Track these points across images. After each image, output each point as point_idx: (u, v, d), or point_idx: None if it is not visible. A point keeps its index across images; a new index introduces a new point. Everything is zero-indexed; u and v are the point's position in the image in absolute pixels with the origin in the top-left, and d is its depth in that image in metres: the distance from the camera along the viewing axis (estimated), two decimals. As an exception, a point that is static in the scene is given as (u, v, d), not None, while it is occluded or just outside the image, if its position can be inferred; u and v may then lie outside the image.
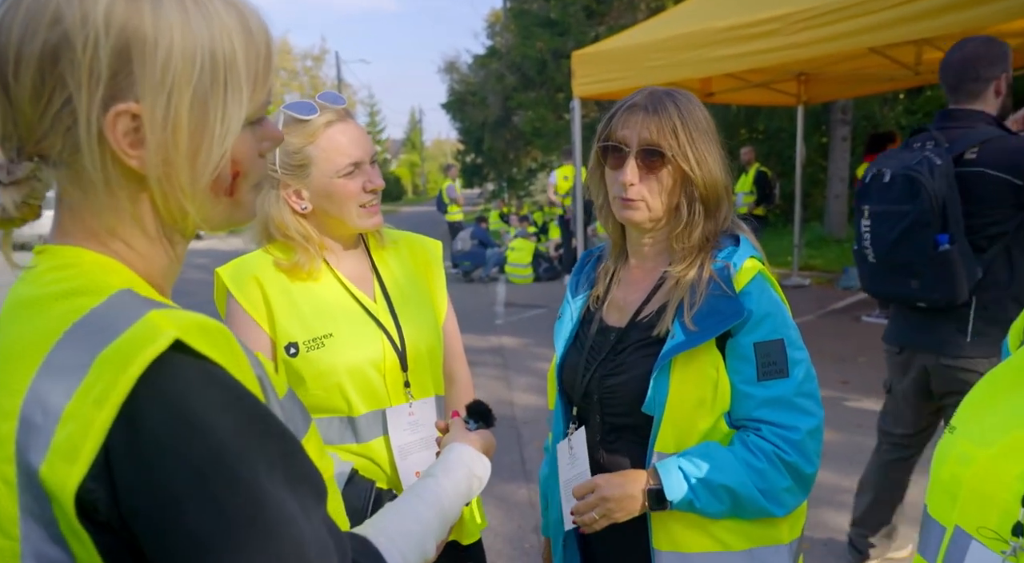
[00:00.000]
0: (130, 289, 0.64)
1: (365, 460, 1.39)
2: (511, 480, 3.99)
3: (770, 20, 5.18)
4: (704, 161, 1.26)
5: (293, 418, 0.73)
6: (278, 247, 1.42)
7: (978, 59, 2.29)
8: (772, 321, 1.23)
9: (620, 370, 1.31)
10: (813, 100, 9.25)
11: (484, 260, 11.56)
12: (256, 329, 1.36)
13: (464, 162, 26.43)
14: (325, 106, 1.37)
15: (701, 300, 1.23)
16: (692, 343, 1.20)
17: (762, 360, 1.21)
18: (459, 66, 29.24)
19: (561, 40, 16.19)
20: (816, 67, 7.59)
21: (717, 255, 1.28)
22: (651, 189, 1.27)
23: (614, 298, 1.41)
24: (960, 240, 2.24)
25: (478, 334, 7.56)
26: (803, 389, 1.24)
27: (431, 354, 1.50)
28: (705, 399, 1.22)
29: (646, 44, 6.05)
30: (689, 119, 1.25)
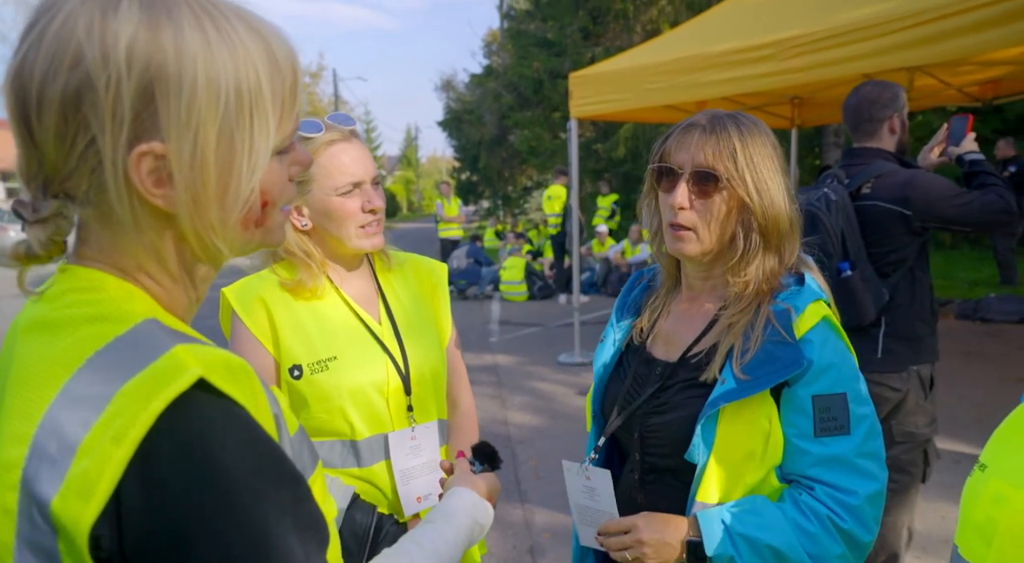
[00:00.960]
0: (155, 319, 0.63)
1: (367, 484, 1.38)
2: (506, 501, 3.97)
3: (765, 46, 5.27)
4: (765, 188, 1.17)
5: (302, 456, 0.72)
6: (283, 266, 1.43)
7: (871, 102, 2.51)
8: (835, 373, 1.14)
9: (664, 409, 1.23)
10: (807, 123, 9.35)
11: (479, 278, 11.57)
12: (261, 351, 1.36)
13: (460, 180, 26.51)
14: (332, 126, 1.38)
15: (756, 346, 1.14)
16: (743, 393, 1.11)
17: (821, 415, 1.12)
18: (456, 84, 29.44)
19: (557, 60, 16.33)
20: (809, 91, 7.69)
21: (778, 296, 1.19)
22: (704, 216, 1.19)
23: (662, 330, 1.33)
24: (862, 267, 2.43)
25: (473, 352, 7.55)
26: (865, 448, 1.14)
27: (435, 378, 1.50)
28: (755, 452, 1.13)
29: (643, 67, 6.12)
30: (751, 142, 1.17)
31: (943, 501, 3.60)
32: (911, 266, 2.46)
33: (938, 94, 7.09)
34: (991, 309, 7.84)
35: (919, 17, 4.46)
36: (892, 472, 2.56)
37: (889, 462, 2.52)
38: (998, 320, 7.64)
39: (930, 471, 2.58)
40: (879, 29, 4.64)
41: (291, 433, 0.71)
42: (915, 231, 2.41)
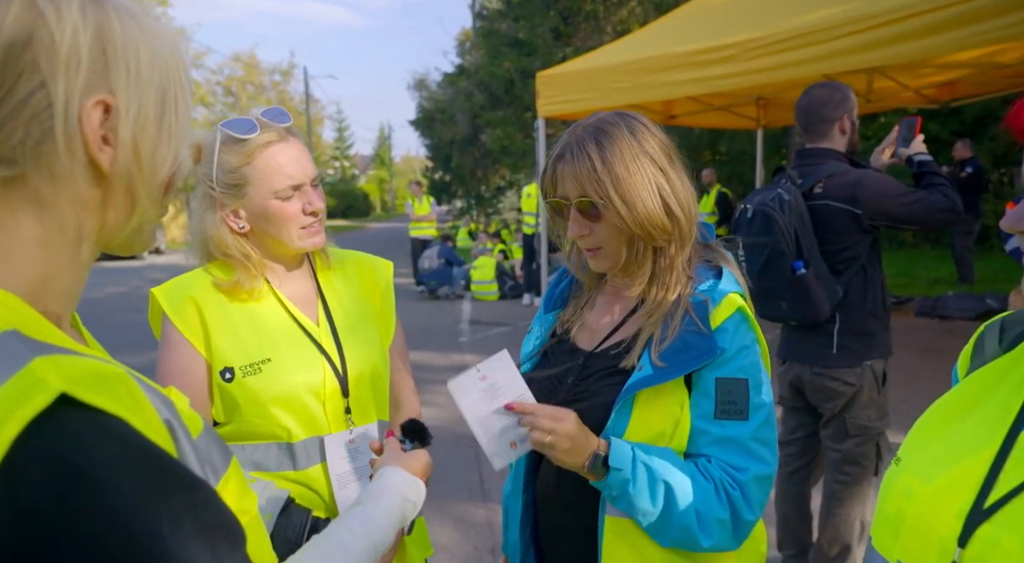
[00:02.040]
0: (15, 331, 0.58)
1: (302, 488, 1.35)
2: (469, 500, 3.95)
3: (728, 46, 5.31)
4: (633, 196, 1.19)
5: (210, 457, 0.69)
6: (218, 266, 1.39)
7: (822, 103, 2.55)
8: (741, 359, 1.19)
9: (584, 395, 1.27)
10: (772, 124, 9.47)
11: (451, 278, 11.53)
12: (191, 353, 1.32)
13: (433, 179, 26.42)
14: (267, 124, 1.34)
15: (674, 335, 1.19)
16: (659, 379, 1.16)
17: (723, 398, 1.17)
18: (428, 84, 29.32)
19: (528, 60, 16.35)
20: (773, 92, 7.78)
21: (696, 288, 1.24)
22: (603, 235, 1.24)
23: (586, 320, 1.38)
24: (815, 265, 2.49)
25: (441, 352, 7.52)
26: (759, 435, 1.19)
27: (375, 379, 1.47)
28: (664, 434, 1.19)
29: (609, 66, 6.14)
30: (610, 152, 1.19)
31: (899, 495, 3.65)
32: (863, 263, 2.51)
33: (897, 96, 7.23)
34: (949, 307, 8.01)
35: (878, 19, 4.53)
36: (845, 465, 2.64)
37: (842, 455, 2.61)
38: (956, 317, 7.81)
39: (883, 465, 2.62)
40: (839, 30, 4.70)
41: (194, 436, 0.68)
42: (865, 229, 2.46)
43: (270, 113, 1.35)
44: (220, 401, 1.33)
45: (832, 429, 2.64)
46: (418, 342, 8.02)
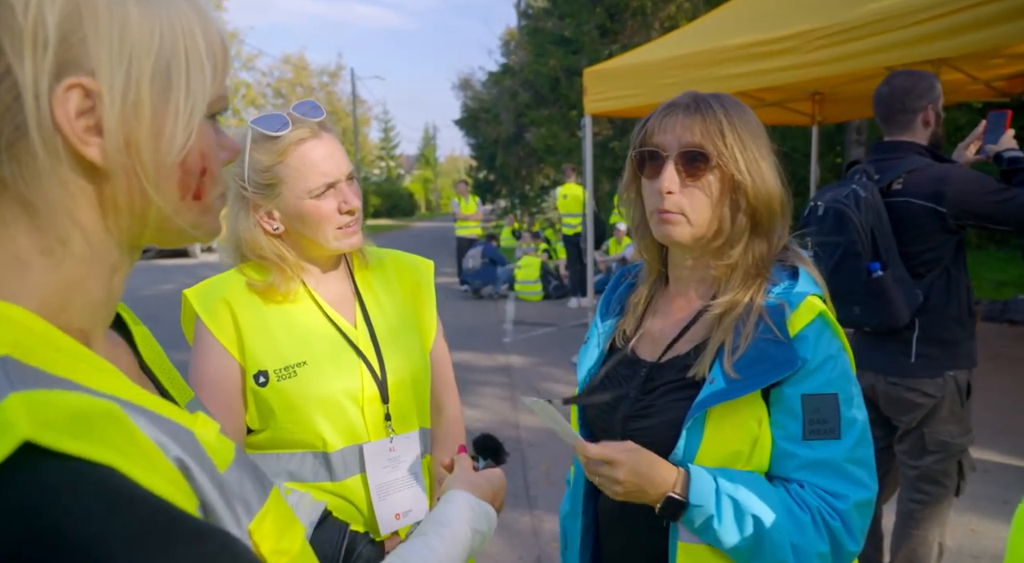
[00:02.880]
0: (5, 357, 0.49)
1: (340, 499, 1.28)
2: (514, 507, 3.86)
3: (786, 38, 5.10)
4: (757, 168, 1.10)
5: (242, 493, 0.61)
6: (252, 267, 1.33)
7: (905, 92, 2.39)
8: (828, 372, 1.06)
9: (648, 412, 1.16)
10: (828, 120, 9.15)
11: (494, 278, 11.48)
12: (224, 356, 1.27)
13: (477, 179, 26.46)
14: (299, 120, 1.27)
15: (747, 343, 1.07)
16: (733, 393, 1.04)
17: (810, 416, 1.05)
18: (473, 83, 29.39)
19: (574, 58, 16.19)
20: (831, 86, 7.49)
21: (771, 290, 1.12)
22: (694, 199, 1.11)
23: (648, 329, 1.26)
24: (893, 266, 2.31)
25: (485, 352, 7.46)
26: (856, 454, 1.07)
27: (416, 384, 1.39)
28: (741, 453, 1.07)
29: (658, 62, 5.98)
30: (738, 121, 1.10)
31: (971, 514, 3.43)
32: (947, 266, 2.33)
33: (964, 89, 6.87)
34: (1020, 310, 7.59)
35: (945, 7, 4.28)
36: (923, 483, 2.46)
37: (919, 473, 2.42)
38: (1027, 322, 7.40)
39: (964, 484, 2.43)
40: (904, 19, 4.46)
41: (221, 469, 0.59)
42: (950, 229, 2.28)
43: (302, 107, 1.28)
44: (254, 407, 1.27)
45: (908, 444, 2.45)
46: (462, 342, 7.98)
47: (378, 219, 43.54)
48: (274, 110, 1.29)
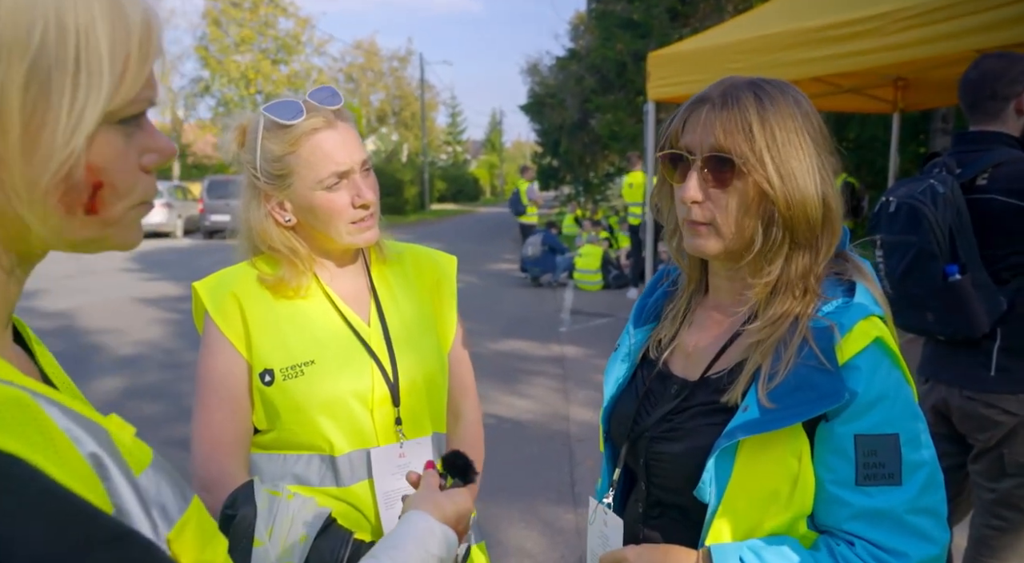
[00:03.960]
0: None
1: (346, 506, 1.23)
2: (558, 502, 3.79)
3: (866, 19, 4.78)
4: (789, 172, 0.96)
5: (159, 498, 0.57)
6: (264, 260, 1.28)
7: (995, 77, 2.17)
8: (886, 408, 0.93)
9: (675, 435, 1.05)
10: (911, 107, 8.60)
11: (553, 266, 11.38)
12: (231, 352, 1.23)
13: (541, 164, 26.30)
14: (314, 107, 1.21)
15: (788, 368, 0.94)
16: (769, 425, 0.92)
17: (865, 459, 0.92)
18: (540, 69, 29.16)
19: (642, 42, 15.78)
20: (915, 71, 7.02)
21: (821, 309, 0.98)
22: (723, 208, 0.99)
23: (683, 342, 1.14)
24: (974, 270, 2.08)
25: (539, 342, 7.39)
26: (921, 503, 0.93)
27: (430, 387, 1.33)
28: (779, 493, 0.95)
29: (727, 45, 5.72)
30: (773, 115, 0.96)
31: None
32: None
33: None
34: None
35: (1049, -17, 3.91)
36: (1001, 508, 2.24)
37: (997, 496, 2.20)
38: None
39: None
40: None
41: (137, 473, 0.56)
42: None
43: (318, 94, 1.22)
44: (261, 406, 1.23)
45: (985, 464, 2.23)
46: (517, 330, 7.93)
47: (443, 203, 44.01)
48: (345, 95, 1.24)
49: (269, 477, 1.22)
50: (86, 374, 6.15)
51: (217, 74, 35.54)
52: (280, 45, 37.16)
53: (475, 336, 7.89)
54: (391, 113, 47.24)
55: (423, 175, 36.09)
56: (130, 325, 8.15)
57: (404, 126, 47.92)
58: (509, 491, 3.82)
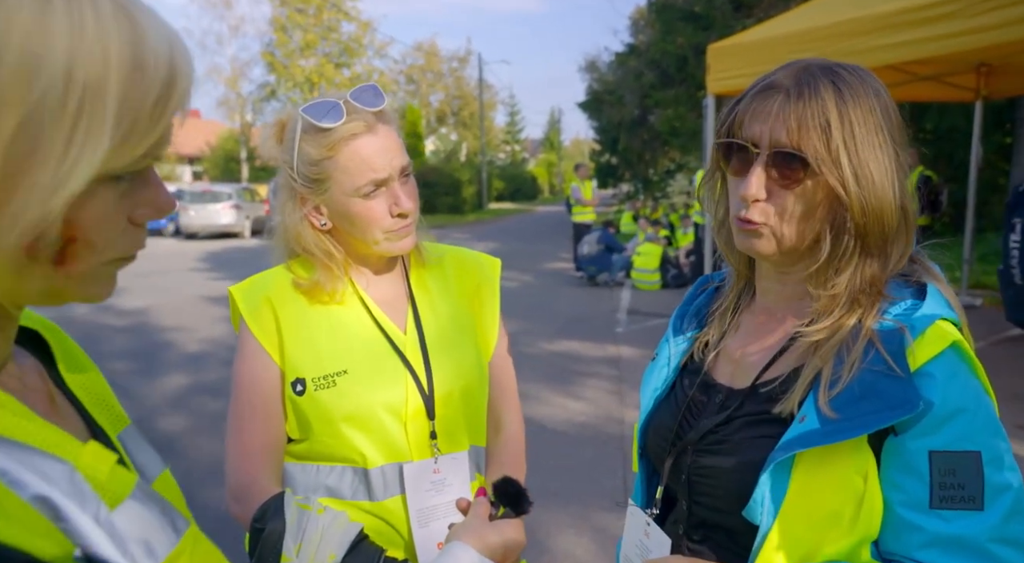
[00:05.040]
0: None
1: (380, 521, 1.18)
2: (612, 509, 3.68)
3: (944, 2, 4.48)
4: (867, 175, 0.87)
5: (141, 533, 0.53)
6: (300, 264, 1.25)
7: None
8: (966, 422, 0.83)
9: (722, 449, 0.96)
10: (995, 95, 8.08)
11: (609, 265, 11.21)
12: (265, 359, 1.19)
13: (599, 162, 26.04)
14: (355, 109, 1.15)
15: (852, 374, 0.85)
16: (831, 437, 0.83)
17: (941, 479, 0.82)
18: (599, 65, 28.86)
19: (704, 35, 15.36)
20: (1001, 56, 6.58)
21: (888, 310, 0.89)
22: (783, 209, 0.90)
23: (728, 348, 1.06)
24: None
25: (595, 342, 7.27)
26: (1006, 532, 0.82)
27: (468, 399, 1.26)
28: (841, 515, 0.85)
29: (792, 35, 5.47)
30: (852, 109, 0.87)
31: None
32: None
33: None
34: None
35: None
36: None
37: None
38: None
39: None
40: (1099, -27, 3.76)
41: (112, 507, 0.52)
42: None
43: (360, 94, 1.16)
44: (293, 415, 1.19)
45: None
46: (572, 330, 7.83)
47: (501, 203, 44.16)
48: (405, 96, 1.18)
49: (302, 488, 1.18)
50: (155, 371, 6.38)
51: (283, 78, 36.61)
52: (343, 49, 38.00)
53: (529, 336, 7.80)
54: (450, 113, 47.71)
55: (481, 174, 36.30)
56: (197, 323, 8.42)
57: (463, 126, 48.31)
58: (560, 496, 3.74)
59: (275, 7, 36.28)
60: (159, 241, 21.02)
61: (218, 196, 20.81)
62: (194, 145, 37.00)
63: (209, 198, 20.87)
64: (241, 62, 39.69)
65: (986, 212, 12.98)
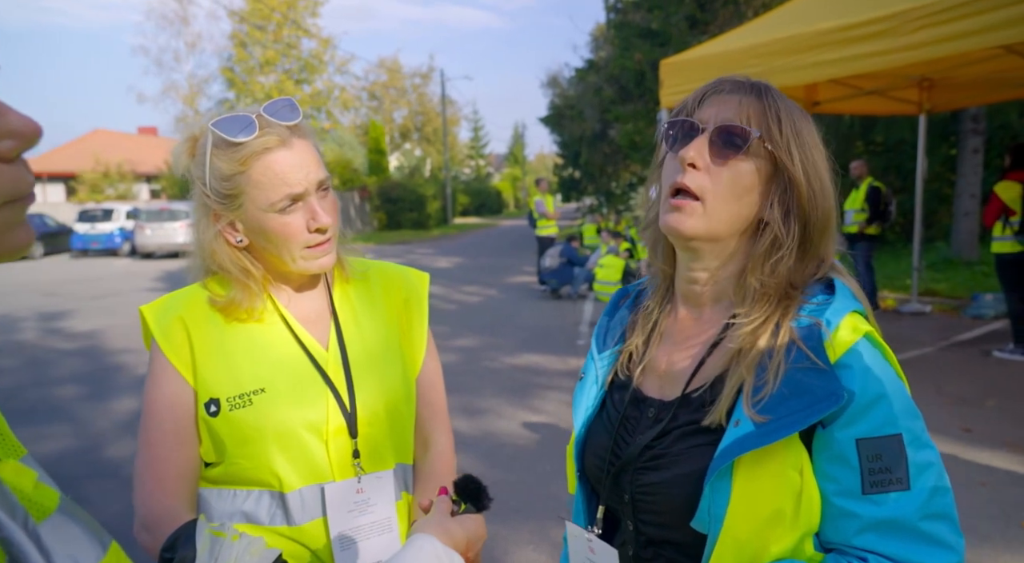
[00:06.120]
0: None
1: (298, 546, 1.14)
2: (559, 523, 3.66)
3: (883, 19, 4.63)
4: (815, 172, 0.93)
5: (68, 547, 0.52)
6: (217, 281, 1.21)
7: None
8: (885, 407, 0.85)
9: (661, 463, 0.96)
10: (938, 108, 8.37)
11: (571, 278, 11.25)
12: (177, 381, 1.15)
13: (562, 176, 26.25)
14: (268, 123, 1.11)
15: (779, 375, 0.87)
16: (766, 438, 0.83)
17: (870, 465, 0.84)
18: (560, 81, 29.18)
19: (661, 51, 15.64)
20: (941, 71, 6.83)
21: (802, 309, 0.92)
22: (719, 184, 0.91)
23: (654, 359, 1.05)
24: None
25: (556, 355, 7.26)
26: (933, 507, 0.84)
27: (393, 416, 1.23)
28: (783, 512, 0.86)
29: (741, 49, 5.60)
30: (797, 118, 0.94)
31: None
32: None
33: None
34: None
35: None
36: None
37: None
38: None
39: None
40: (1024, -10, 3.93)
41: (38, 520, 0.51)
42: None
43: (273, 107, 1.13)
44: (208, 438, 1.15)
45: None
46: (534, 344, 7.82)
47: (466, 217, 44.14)
48: (368, 112, 1.15)
49: (218, 514, 1.14)
50: (105, 395, 6.18)
51: (242, 95, 36.19)
52: (303, 65, 37.76)
53: (491, 351, 7.76)
54: (414, 129, 47.65)
55: (446, 189, 36.30)
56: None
57: (427, 141, 48.29)
58: (521, 512, 3.70)
59: (234, 23, 35.95)
60: (113, 261, 20.51)
61: (175, 215, 20.38)
62: (151, 163, 36.25)
63: (166, 216, 20.44)
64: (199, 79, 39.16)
65: (934, 222, 13.41)
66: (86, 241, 21.86)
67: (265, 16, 35.64)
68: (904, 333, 7.42)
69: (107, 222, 22.16)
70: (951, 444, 4.28)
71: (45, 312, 10.84)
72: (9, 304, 11.79)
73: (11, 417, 5.26)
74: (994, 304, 7.94)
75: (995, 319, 7.75)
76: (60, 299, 12.32)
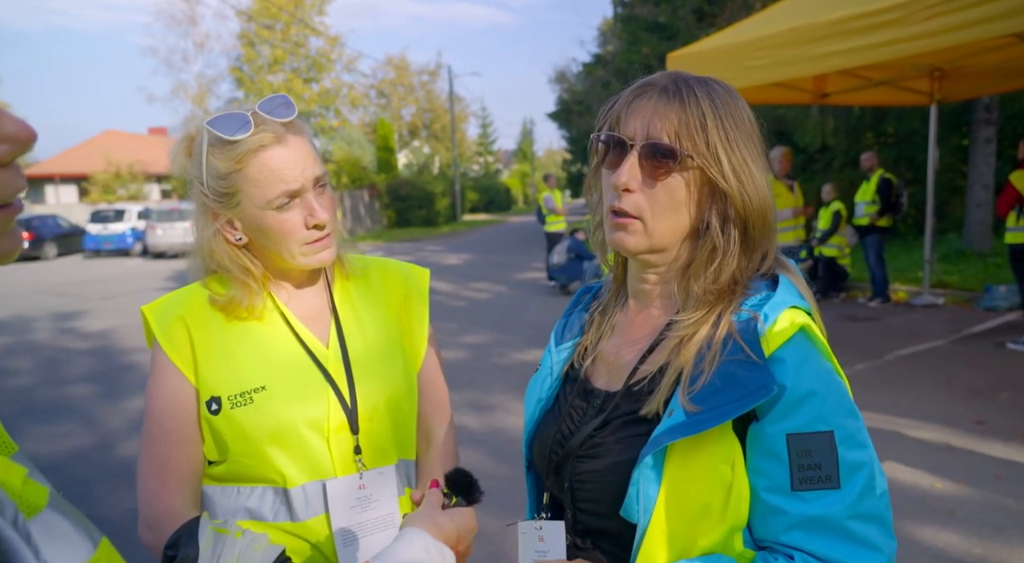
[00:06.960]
0: None
1: (301, 542, 1.14)
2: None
3: (893, 8, 4.58)
4: (747, 173, 0.92)
5: (57, 543, 0.53)
6: (217, 280, 1.21)
7: None
8: (817, 403, 0.85)
9: (598, 453, 0.97)
10: (949, 98, 8.27)
11: (580, 273, 11.23)
12: (179, 379, 1.15)
13: (571, 171, 26.22)
14: (263, 120, 1.11)
15: (713, 366, 0.87)
16: (696, 426, 0.84)
17: (799, 461, 0.84)
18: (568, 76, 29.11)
19: (668, 44, 15.57)
20: (952, 60, 6.75)
21: (744, 302, 0.92)
22: (655, 201, 0.93)
23: (604, 351, 1.07)
24: None
25: (566, 351, 7.25)
26: (862, 508, 0.84)
27: (395, 412, 1.23)
28: (712, 506, 0.86)
29: (749, 42, 5.55)
30: (725, 113, 0.92)
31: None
32: None
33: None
34: None
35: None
36: None
37: None
38: None
39: None
40: (1036, -23, 3.87)
41: (28, 516, 0.52)
42: None
43: (268, 104, 1.12)
44: (210, 436, 1.15)
45: None
46: (543, 340, 7.79)
47: (475, 214, 44.16)
48: (376, 109, 1.14)
49: (222, 512, 1.14)
50: (118, 394, 6.23)
51: (251, 94, 36.34)
52: (311, 64, 37.87)
53: (500, 347, 7.78)
54: (422, 126, 47.70)
55: (454, 186, 36.32)
56: (162, 343, 8.26)
57: (435, 139, 48.33)
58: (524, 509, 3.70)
59: (242, 23, 36.10)
60: (125, 261, 20.67)
61: (186, 214, 20.38)
62: (162, 163, 36.49)
63: (176, 216, 20.59)
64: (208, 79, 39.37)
65: (946, 213, 13.27)
66: (99, 242, 22.07)
67: (273, 15, 35.75)
68: (916, 326, 7.35)
69: (119, 223, 22.37)
70: (964, 437, 4.24)
71: (58, 312, 10.95)
72: (23, 305, 11.92)
73: (24, 417, 5.35)
74: (1007, 296, 7.85)
75: (1008, 311, 7.67)
76: (73, 299, 12.45)
